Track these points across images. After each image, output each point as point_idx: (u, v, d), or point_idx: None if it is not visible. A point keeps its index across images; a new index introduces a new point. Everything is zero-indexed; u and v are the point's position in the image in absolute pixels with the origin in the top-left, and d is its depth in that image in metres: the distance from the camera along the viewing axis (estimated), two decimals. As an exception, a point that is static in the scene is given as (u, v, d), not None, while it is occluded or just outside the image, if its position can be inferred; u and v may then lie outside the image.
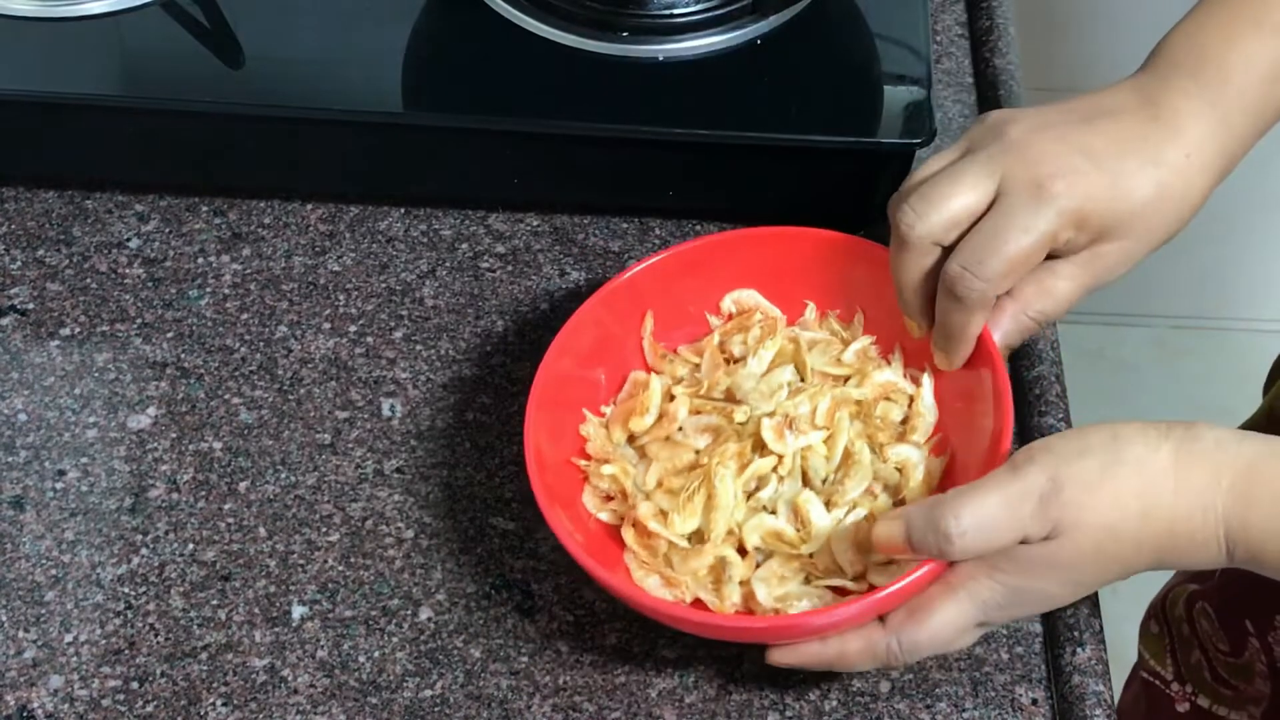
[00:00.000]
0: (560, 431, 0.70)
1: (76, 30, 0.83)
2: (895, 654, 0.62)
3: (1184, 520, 0.58)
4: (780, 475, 0.67)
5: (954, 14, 0.95)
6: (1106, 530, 0.58)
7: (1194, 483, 0.58)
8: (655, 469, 0.69)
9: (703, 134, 0.78)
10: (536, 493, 0.65)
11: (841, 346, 0.72)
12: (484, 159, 0.82)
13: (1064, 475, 0.58)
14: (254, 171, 0.84)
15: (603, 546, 0.67)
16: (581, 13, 0.82)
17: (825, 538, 0.65)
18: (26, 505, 0.73)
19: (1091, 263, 0.66)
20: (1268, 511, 0.57)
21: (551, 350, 0.70)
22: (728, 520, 0.66)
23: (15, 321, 0.80)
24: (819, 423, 0.68)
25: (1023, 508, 0.58)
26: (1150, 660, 1.03)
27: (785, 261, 0.74)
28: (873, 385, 0.70)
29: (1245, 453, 0.58)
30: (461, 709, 0.67)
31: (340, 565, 0.71)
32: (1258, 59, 0.67)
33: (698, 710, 0.67)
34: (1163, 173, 0.65)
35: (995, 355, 0.66)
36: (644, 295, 0.73)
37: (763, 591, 0.65)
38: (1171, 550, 0.59)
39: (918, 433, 0.69)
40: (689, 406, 0.70)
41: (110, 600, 0.70)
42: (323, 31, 0.84)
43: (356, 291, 0.82)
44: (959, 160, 0.66)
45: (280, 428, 0.76)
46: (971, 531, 0.58)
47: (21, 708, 0.67)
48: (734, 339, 0.73)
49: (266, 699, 0.67)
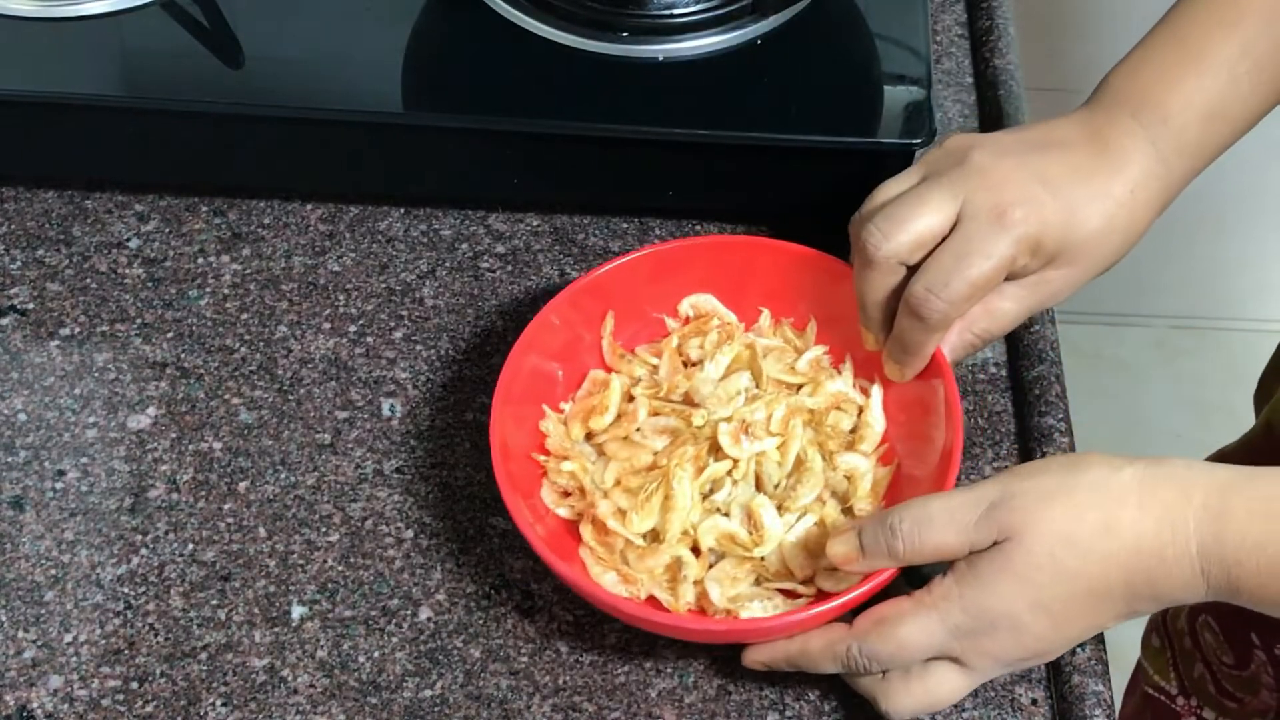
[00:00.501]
0: (520, 426, 0.71)
1: (76, 30, 0.83)
2: (855, 659, 0.62)
3: (1151, 536, 0.57)
4: (735, 479, 0.69)
5: (954, 14, 0.95)
6: (1061, 539, 0.58)
7: (1161, 499, 0.58)
8: (613, 468, 0.70)
9: (703, 134, 0.78)
10: (500, 483, 0.66)
11: (795, 355, 0.74)
12: (484, 159, 0.82)
13: (1016, 487, 0.59)
14: (254, 171, 0.84)
15: (560, 541, 0.68)
16: (581, 13, 0.82)
17: (777, 542, 0.67)
18: (26, 505, 0.73)
19: (1038, 287, 0.69)
20: (1243, 526, 0.56)
21: (518, 345, 0.71)
22: (684, 521, 0.67)
23: (15, 321, 0.80)
24: (773, 429, 0.70)
25: (967, 513, 0.59)
26: (1154, 675, 1.03)
27: (743, 269, 0.76)
28: (825, 394, 0.72)
29: (1218, 474, 0.58)
30: (461, 709, 0.67)
31: (340, 565, 0.71)
32: (1197, 100, 0.69)
33: (697, 710, 0.67)
34: (1109, 206, 0.67)
35: (946, 369, 0.69)
36: (607, 296, 0.75)
37: (716, 592, 0.66)
38: (1142, 572, 0.58)
39: (866, 442, 0.71)
40: (648, 408, 0.72)
41: (110, 600, 0.70)
42: (323, 31, 0.84)
43: (356, 291, 0.82)
44: (922, 183, 0.68)
45: (280, 428, 0.76)
46: (909, 524, 0.60)
47: (21, 708, 0.67)
48: (691, 343, 0.75)
49: (266, 699, 0.67)
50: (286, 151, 0.83)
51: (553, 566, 0.64)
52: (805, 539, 0.67)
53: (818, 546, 0.67)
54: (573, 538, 0.69)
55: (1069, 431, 0.75)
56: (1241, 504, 0.57)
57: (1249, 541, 0.56)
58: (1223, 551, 0.57)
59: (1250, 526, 0.56)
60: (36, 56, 0.82)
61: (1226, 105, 0.69)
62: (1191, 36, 0.69)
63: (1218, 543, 0.57)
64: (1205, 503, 0.57)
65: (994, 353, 0.79)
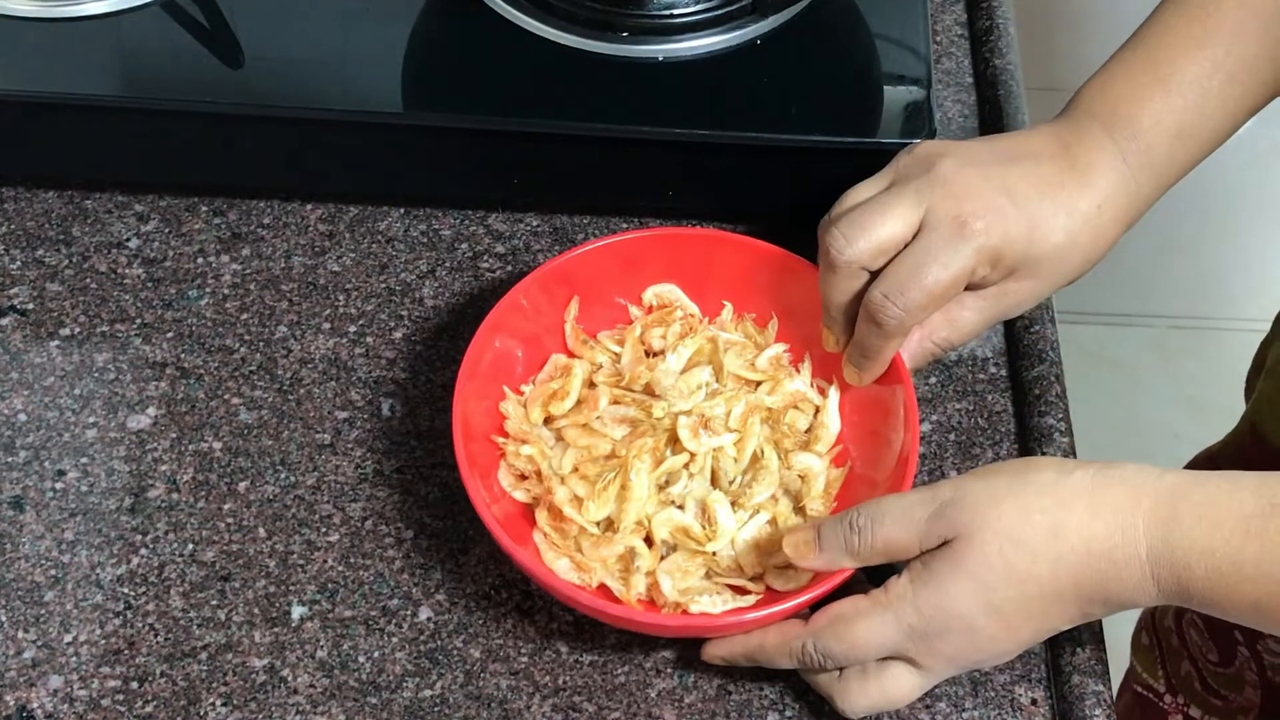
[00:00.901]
0: (480, 406, 0.72)
1: (76, 30, 0.83)
2: (810, 655, 0.63)
3: (1101, 539, 0.58)
4: (691, 473, 0.70)
5: (954, 14, 0.95)
6: (1010, 540, 0.58)
7: (1110, 502, 0.58)
8: (571, 455, 0.71)
9: (702, 134, 0.78)
10: (460, 462, 0.66)
11: (755, 351, 0.75)
12: (484, 159, 0.82)
13: (968, 487, 0.60)
14: (254, 171, 0.84)
15: (514, 525, 0.69)
16: (581, 13, 0.82)
17: (729, 538, 0.68)
18: (26, 505, 0.73)
19: (998, 299, 0.69)
20: (1190, 531, 0.57)
21: (485, 324, 0.72)
22: (639, 512, 0.68)
23: (15, 321, 0.80)
24: (732, 425, 0.71)
25: (919, 510, 0.60)
26: (1142, 673, 1.03)
27: (708, 262, 0.76)
28: (783, 394, 0.73)
29: (1168, 479, 0.58)
30: (461, 709, 0.67)
31: (340, 565, 0.71)
32: (1166, 119, 0.69)
33: (697, 710, 0.67)
34: (1075, 222, 0.68)
35: (905, 375, 0.70)
36: (574, 281, 0.75)
37: (668, 583, 0.66)
38: (1092, 574, 0.58)
39: (820, 443, 0.72)
40: (609, 397, 0.73)
41: (110, 600, 0.70)
42: (323, 32, 0.84)
43: (356, 291, 0.82)
44: (888, 190, 0.69)
45: (280, 428, 0.76)
46: (864, 519, 0.61)
47: (21, 708, 0.67)
48: (654, 332, 0.75)
49: (266, 699, 0.67)
50: (286, 151, 0.83)
51: (508, 550, 0.64)
52: (757, 537, 0.68)
53: (769, 544, 0.67)
54: (527, 522, 0.69)
55: (1069, 431, 0.75)
56: (1189, 509, 0.57)
57: (1197, 546, 0.56)
58: (1172, 556, 0.57)
59: (1197, 531, 0.56)
60: (37, 57, 0.82)
61: (1195, 124, 0.70)
62: (1162, 54, 0.70)
63: (1166, 547, 0.57)
64: (1154, 507, 0.57)
65: (994, 353, 0.79)
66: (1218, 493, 0.57)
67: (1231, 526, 0.56)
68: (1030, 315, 0.79)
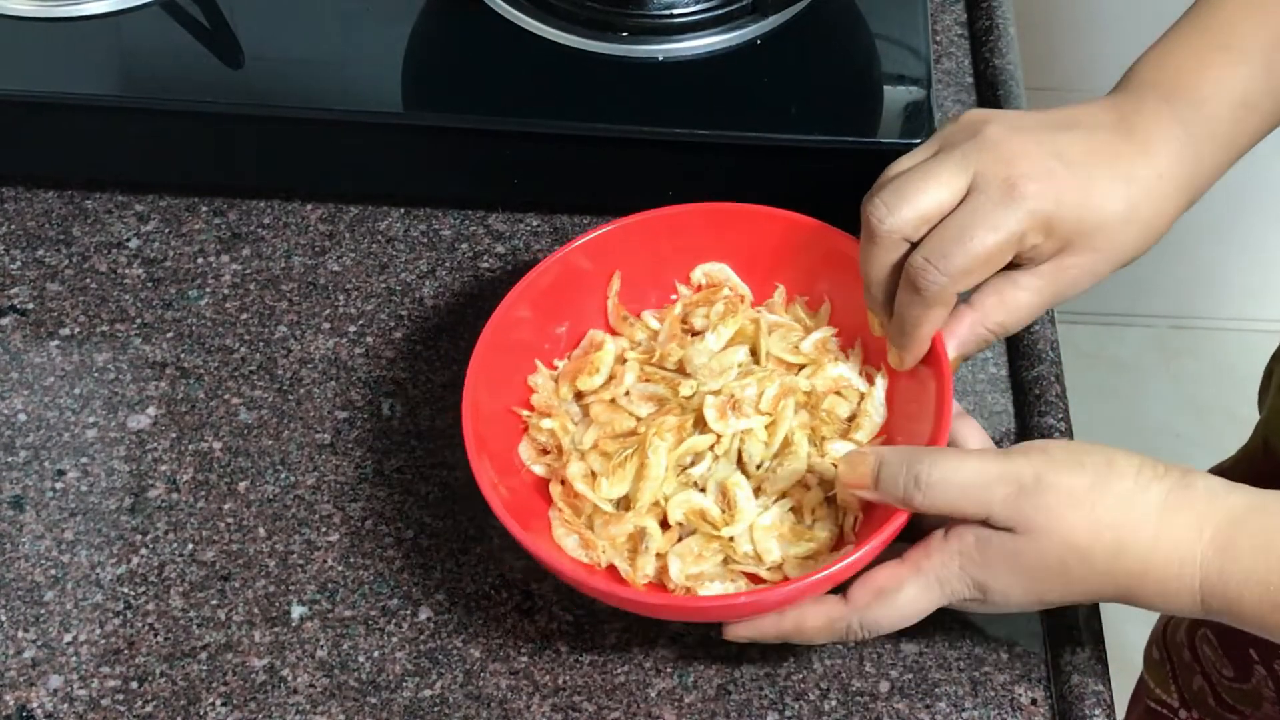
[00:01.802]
0: (507, 378, 0.70)
1: (76, 30, 0.83)
2: (855, 632, 0.62)
3: (1160, 568, 0.58)
4: (716, 454, 0.68)
5: (954, 14, 0.95)
6: (1075, 551, 0.58)
7: (1175, 531, 0.57)
8: (594, 430, 0.69)
9: (702, 134, 0.78)
10: (466, 439, 0.65)
11: (802, 334, 0.72)
12: (484, 159, 0.82)
13: (1049, 479, 0.58)
14: (254, 171, 0.84)
15: (529, 500, 0.68)
16: (581, 13, 0.82)
17: (748, 523, 0.66)
18: (26, 505, 0.73)
19: (1055, 276, 0.65)
20: (1247, 564, 0.56)
21: (510, 296, 0.70)
22: (655, 491, 0.66)
23: (15, 321, 0.80)
24: (763, 408, 0.68)
25: (997, 488, 0.58)
26: (1155, 688, 1.02)
27: (763, 241, 0.74)
28: (824, 378, 0.70)
29: (1231, 504, 0.58)
30: (461, 709, 0.67)
31: (340, 565, 0.71)
32: (1228, 86, 0.66)
33: (697, 710, 0.67)
34: (1134, 190, 0.64)
35: (945, 366, 0.66)
36: (619, 253, 0.73)
37: (676, 567, 0.65)
38: (1140, 592, 0.58)
39: (862, 431, 0.69)
40: (637, 373, 0.71)
41: (110, 600, 0.70)
42: (323, 32, 0.84)
43: (356, 291, 0.82)
44: (932, 157, 0.65)
45: (280, 427, 0.76)
46: (939, 484, 0.59)
47: (21, 707, 0.67)
48: (697, 311, 0.73)
49: (266, 699, 0.67)
50: (286, 151, 0.83)
51: (512, 531, 0.63)
52: (778, 524, 0.66)
53: (791, 533, 0.66)
54: (544, 497, 0.68)
55: (1069, 431, 0.75)
56: (1247, 539, 0.57)
57: (1253, 578, 0.56)
58: (1225, 588, 0.57)
59: (1255, 562, 0.56)
60: (37, 56, 0.82)
61: (1260, 93, 0.66)
62: (1221, 23, 0.67)
63: (1221, 578, 0.57)
64: (1213, 537, 0.57)
65: (993, 353, 0.79)
66: (1276, 521, 0.57)
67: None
68: (1030, 315, 0.79)
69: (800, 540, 0.65)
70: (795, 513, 0.66)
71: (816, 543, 0.65)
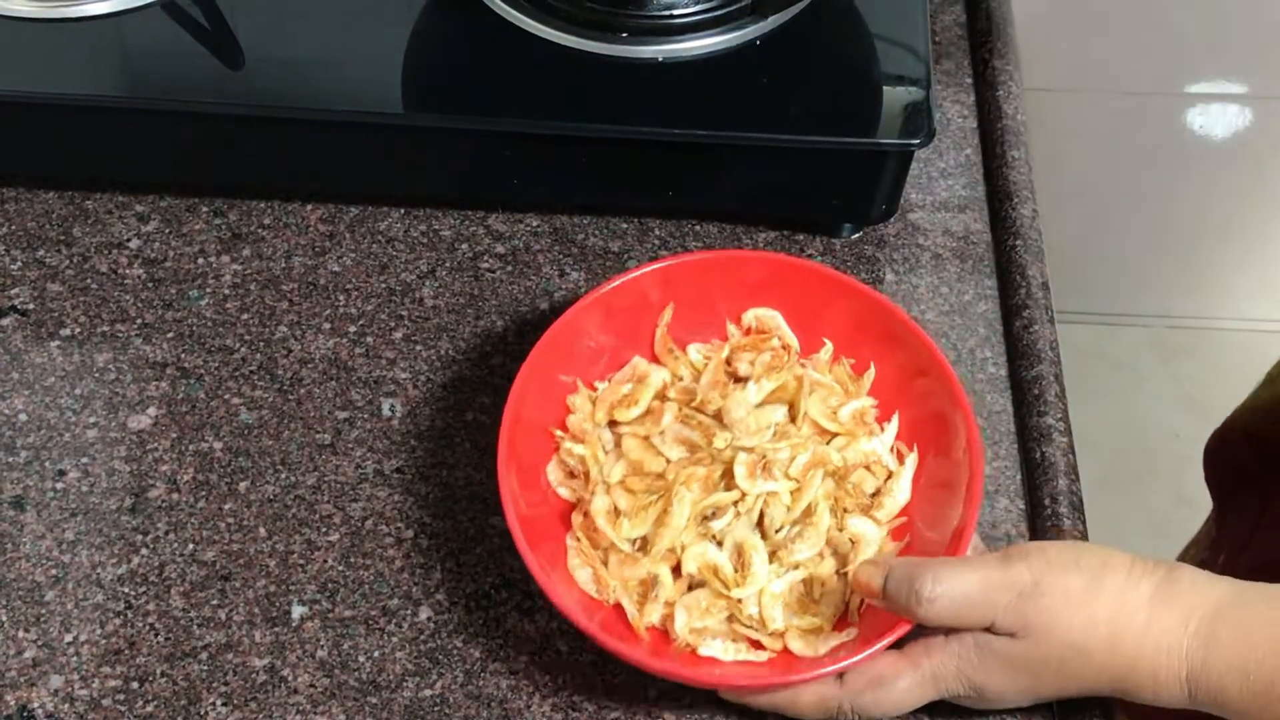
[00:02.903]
0: (548, 392, 0.71)
1: (77, 31, 0.83)
2: (845, 715, 0.63)
3: (1149, 659, 0.60)
4: (739, 511, 0.68)
5: (953, 14, 0.95)
6: (1073, 648, 0.60)
7: (1163, 623, 0.60)
8: (622, 465, 0.69)
9: (702, 135, 0.78)
10: (500, 450, 0.66)
11: (843, 398, 0.72)
12: (483, 160, 0.82)
13: (1048, 582, 0.60)
14: (254, 172, 0.85)
15: (549, 523, 0.68)
16: (581, 14, 0.82)
17: (758, 588, 0.66)
18: (27, 505, 0.73)
19: None
20: (1228, 654, 0.59)
21: (576, 307, 0.71)
22: (674, 540, 0.66)
23: (16, 322, 0.80)
24: (792, 473, 0.68)
25: (1000, 596, 0.60)
26: None
27: (820, 298, 0.74)
28: (856, 451, 0.70)
29: (1214, 597, 0.60)
30: (461, 709, 0.67)
31: (340, 565, 0.71)
32: None
33: (697, 711, 0.67)
34: None
35: (977, 453, 0.66)
36: (677, 285, 0.74)
37: (681, 619, 0.65)
38: (1132, 681, 0.60)
39: (883, 510, 0.69)
40: (675, 414, 0.71)
41: (110, 600, 0.70)
42: (323, 32, 0.84)
43: (356, 292, 0.82)
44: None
45: (280, 428, 0.76)
46: (943, 600, 0.60)
47: (22, 707, 0.67)
48: (743, 356, 0.73)
49: (266, 699, 0.67)
50: (286, 152, 0.83)
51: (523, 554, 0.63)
52: (788, 593, 0.66)
53: (799, 604, 0.66)
54: (564, 521, 0.69)
55: (1068, 431, 0.75)
56: (1228, 631, 0.59)
57: (1234, 668, 0.58)
58: (1209, 679, 0.59)
59: (1234, 653, 0.59)
60: (37, 57, 0.82)
61: None
62: None
63: (1204, 670, 0.59)
64: (1197, 630, 0.59)
65: (993, 353, 0.80)
66: (1255, 615, 0.59)
67: (1267, 648, 0.58)
68: (1029, 315, 0.80)
69: (806, 614, 0.66)
70: (805, 584, 0.67)
71: (821, 618, 0.66)
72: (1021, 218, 0.84)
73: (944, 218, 0.86)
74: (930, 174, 0.88)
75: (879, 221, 0.84)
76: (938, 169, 0.89)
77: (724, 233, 0.85)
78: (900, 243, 0.85)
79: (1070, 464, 0.74)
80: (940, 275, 0.83)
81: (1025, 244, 0.83)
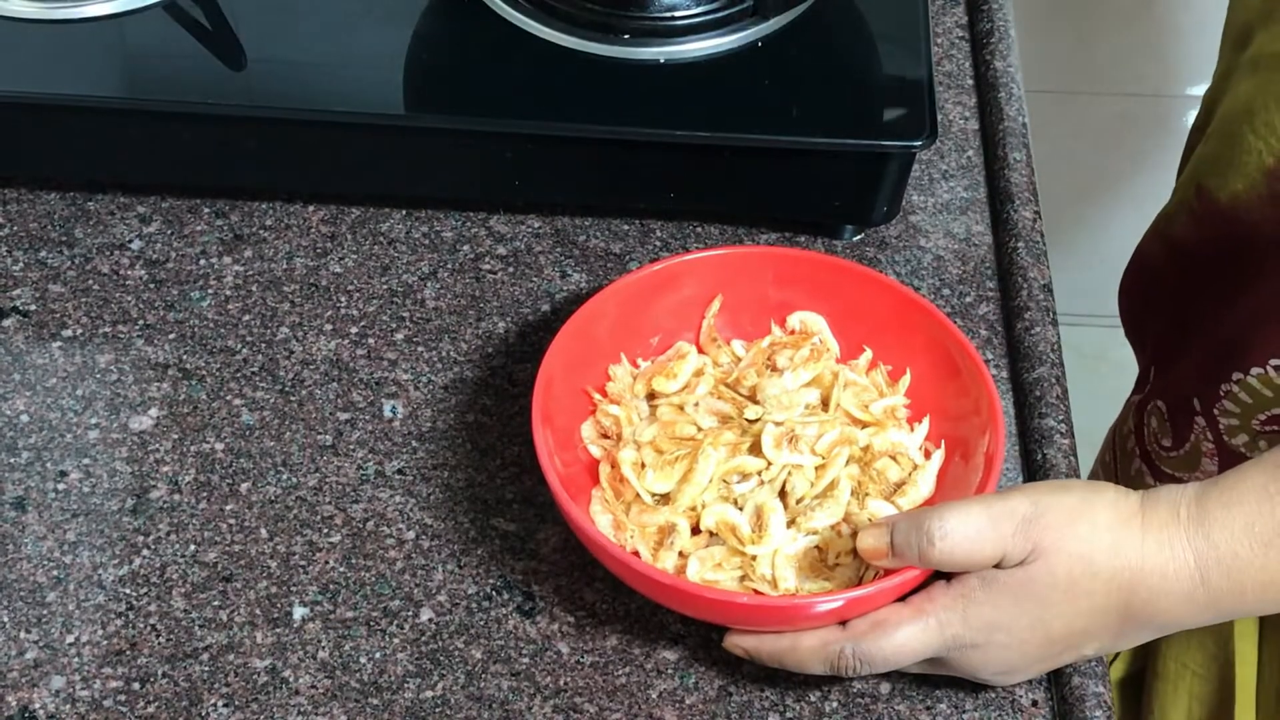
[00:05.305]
0: (592, 359, 0.72)
1: (79, 32, 0.83)
2: (847, 660, 0.63)
3: (1154, 555, 0.60)
4: (762, 479, 0.69)
5: (954, 16, 0.95)
6: (1081, 559, 0.60)
7: (1157, 519, 0.61)
8: (655, 428, 0.71)
9: (704, 136, 0.79)
10: (534, 406, 0.67)
11: (876, 397, 0.73)
12: (485, 161, 0.82)
13: (1046, 502, 0.61)
14: (256, 173, 0.85)
15: (578, 480, 0.69)
16: (583, 15, 0.82)
17: (773, 548, 0.66)
18: (28, 506, 0.73)
19: None
20: (1225, 515, 0.60)
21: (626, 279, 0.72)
22: (696, 496, 0.68)
23: (17, 323, 0.80)
24: (819, 449, 0.69)
25: (1006, 524, 0.60)
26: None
27: (866, 303, 0.74)
28: (884, 439, 0.71)
29: (1190, 488, 0.62)
30: (462, 710, 0.67)
31: (341, 566, 0.71)
32: None
33: (698, 711, 0.67)
34: None
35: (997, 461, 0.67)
36: (727, 277, 0.75)
37: (694, 568, 0.66)
38: (1145, 591, 0.61)
39: (905, 499, 0.69)
40: (710, 387, 0.72)
41: (112, 601, 0.70)
42: (324, 33, 0.84)
43: (358, 293, 0.82)
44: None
45: (282, 429, 0.76)
46: (954, 534, 0.60)
47: (23, 708, 0.67)
48: (783, 352, 0.74)
49: (268, 700, 0.67)
50: (288, 153, 0.83)
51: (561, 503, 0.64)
52: (801, 555, 0.67)
53: (811, 567, 0.66)
54: (592, 478, 0.70)
55: (1070, 433, 0.75)
56: (1216, 500, 0.61)
57: (1237, 530, 0.60)
58: (1217, 552, 0.60)
59: (1231, 515, 0.60)
60: (39, 58, 0.82)
61: None
62: None
63: (1210, 544, 0.60)
64: (1189, 515, 0.61)
65: (994, 354, 0.80)
66: (1233, 480, 0.61)
67: (1255, 497, 0.60)
68: (1030, 317, 0.80)
69: (818, 577, 0.66)
70: (820, 551, 0.67)
71: (833, 583, 0.66)
72: (1023, 219, 0.84)
73: (945, 219, 0.86)
74: (932, 175, 0.88)
75: (880, 223, 0.84)
76: (939, 170, 0.89)
77: (725, 234, 0.85)
78: (902, 244, 0.85)
79: (1072, 466, 0.74)
80: (942, 277, 0.83)
81: (1027, 246, 0.83)
